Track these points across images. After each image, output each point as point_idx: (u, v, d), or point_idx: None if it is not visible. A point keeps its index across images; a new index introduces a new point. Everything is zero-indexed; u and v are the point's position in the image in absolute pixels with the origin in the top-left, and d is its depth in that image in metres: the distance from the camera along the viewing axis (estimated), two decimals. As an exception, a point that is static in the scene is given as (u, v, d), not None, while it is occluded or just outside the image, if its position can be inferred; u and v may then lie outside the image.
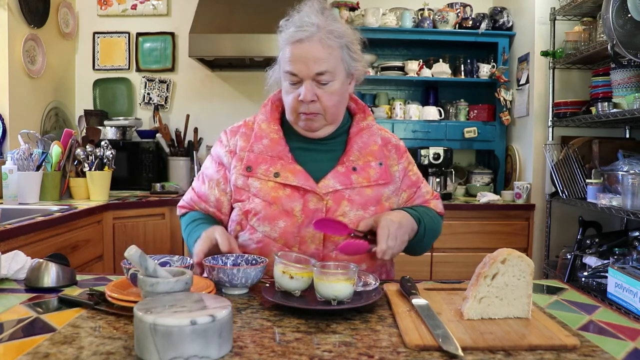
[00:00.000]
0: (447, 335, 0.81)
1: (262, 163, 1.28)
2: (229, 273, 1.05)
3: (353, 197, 1.27)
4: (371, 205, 1.28)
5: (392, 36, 3.34)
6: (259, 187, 1.26)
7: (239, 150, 1.32)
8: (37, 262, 1.15)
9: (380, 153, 1.34)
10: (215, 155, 1.38)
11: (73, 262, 2.10)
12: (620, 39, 2.13)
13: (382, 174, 1.32)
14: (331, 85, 1.25)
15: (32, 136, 2.66)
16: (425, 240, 1.33)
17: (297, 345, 0.80)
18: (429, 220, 1.34)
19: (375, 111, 3.40)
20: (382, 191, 1.31)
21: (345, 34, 1.27)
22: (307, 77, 1.23)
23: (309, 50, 1.22)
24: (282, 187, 1.25)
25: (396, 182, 1.36)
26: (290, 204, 1.24)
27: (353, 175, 1.28)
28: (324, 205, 1.24)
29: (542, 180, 3.06)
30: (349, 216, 1.25)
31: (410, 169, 1.42)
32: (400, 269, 3.09)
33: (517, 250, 0.94)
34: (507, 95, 3.26)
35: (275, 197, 1.25)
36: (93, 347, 0.79)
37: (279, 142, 1.30)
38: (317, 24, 1.23)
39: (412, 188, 1.40)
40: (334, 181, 1.26)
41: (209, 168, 1.38)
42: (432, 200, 1.44)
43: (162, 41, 3.61)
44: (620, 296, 1.94)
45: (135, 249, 0.86)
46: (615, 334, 0.88)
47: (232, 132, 1.37)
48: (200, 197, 1.37)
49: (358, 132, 1.35)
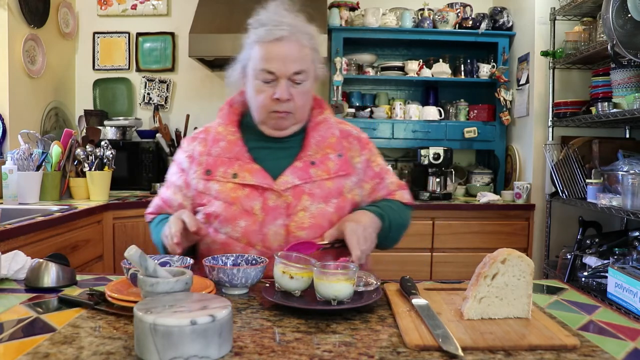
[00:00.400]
0: (447, 335, 0.81)
1: (221, 165, 1.29)
2: (228, 273, 1.05)
3: (313, 191, 1.27)
4: (333, 197, 1.29)
5: (392, 36, 3.34)
6: (219, 189, 1.27)
7: (198, 155, 1.32)
8: (37, 262, 1.15)
9: (339, 145, 1.34)
10: (176, 161, 1.39)
11: (73, 262, 2.10)
12: (620, 39, 2.13)
13: (341, 165, 1.32)
14: (304, 85, 1.27)
15: (32, 136, 2.66)
16: (392, 234, 1.33)
17: (297, 345, 0.80)
18: (393, 214, 1.33)
19: (375, 111, 3.40)
20: (344, 183, 1.32)
21: (315, 36, 1.31)
22: (284, 76, 1.24)
23: (287, 49, 1.24)
24: (240, 187, 1.26)
25: (358, 173, 1.36)
26: (250, 203, 1.25)
27: (312, 169, 1.29)
28: (284, 202, 1.25)
29: (542, 180, 3.06)
30: (310, 210, 1.26)
31: (374, 160, 1.42)
32: (400, 269, 3.12)
33: (517, 250, 0.94)
34: (507, 95, 3.27)
35: (235, 198, 1.25)
36: (93, 347, 0.79)
37: (236, 144, 1.31)
38: (293, 24, 1.25)
39: (375, 179, 1.39)
40: (292, 177, 1.27)
41: (173, 174, 1.38)
42: (397, 191, 1.43)
43: (162, 41, 3.62)
44: (620, 296, 1.94)
45: (135, 249, 0.86)
46: (615, 334, 0.88)
47: (192, 139, 1.38)
48: (165, 202, 1.37)
49: (315, 126, 1.36)
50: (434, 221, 3.00)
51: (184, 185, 1.34)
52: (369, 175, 1.39)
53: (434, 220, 3.00)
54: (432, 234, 2.99)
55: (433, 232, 2.99)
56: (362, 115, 3.38)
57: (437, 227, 3.00)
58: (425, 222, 2.99)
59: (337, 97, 3.26)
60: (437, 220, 3.00)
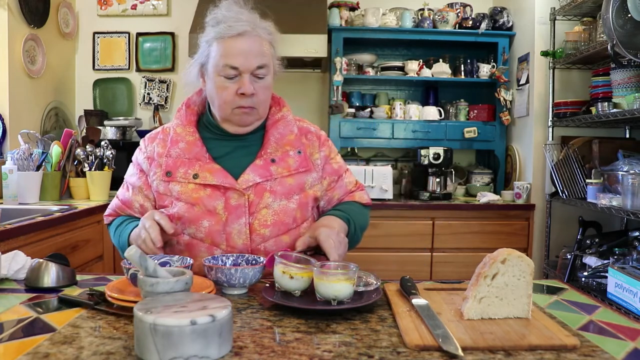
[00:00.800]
0: (447, 335, 0.81)
1: (181, 166, 1.28)
2: (226, 273, 1.05)
3: (275, 188, 1.28)
4: (294, 193, 1.30)
5: (392, 36, 3.34)
6: (180, 191, 1.27)
7: (157, 157, 1.32)
8: (37, 262, 1.15)
9: (298, 142, 1.35)
10: (135, 162, 1.38)
11: (73, 262, 2.10)
12: (620, 39, 2.13)
13: (301, 162, 1.33)
14: (266, 80, 1.28)
15: (32, 136, 2.66)
16: (356, 236, 1.37)
17: (297, 345, 0.80)
18: (356, 217, 1.36)
19: (375, 111, 3.40)
20: (305, 179, 1.33)
21: (273, 32, 1.31)
22: (247, 71, 1.24)
23: (250, 44, 1.24)
24: (202, 188, 1.26)
25: (318, 170, 1.37)
26: (212, 203, 1.25)
27: (272, 166, 1.29)
28: (246, 200, 1.25)
29: (542, 180, 3.06)
30: (272, 207, 1.26)
31: (333, 157, 1.42)
32: (400, 269, 3.12)
33: (517, 250, 0.94)
34: (507, 95, 3.27)
35: (197, 198, 1.25)
36: (93, 347, 0.79)
37: (195, 144, 1.31)
38: (252, 20, 1.26)
39: (332, 176, 1.40)
40: (253, 175, 1.27)
41: (132, 175, 1.37)
42: (356, 192, 1.45)
43: (162, 41, 3.61)
44: (620, 296, 1.94)
45: (135, 249, 0.86)
46: (615, 334, 0.88)
47: (150, 139, 1.37)
48: (125, 203, 1.36)
49: (274, 123, 1.36)
50: (434, 221, 3.00)
51: (144, 186, 1.33)
52: (327, 171, 1.39)
53: (434, 220, 3.00)
54: (432, 234, 2.99)
55: (433, 232, 2.99)
56: (362, 115, 3.38)
57: (437, 227, 3.00)
58: (425, 222, 2.99)
59: (337, 97, 3.26)
60: (437, 220, 3.00)
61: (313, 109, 3.67)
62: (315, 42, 3.04)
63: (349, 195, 1.43)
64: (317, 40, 3.04)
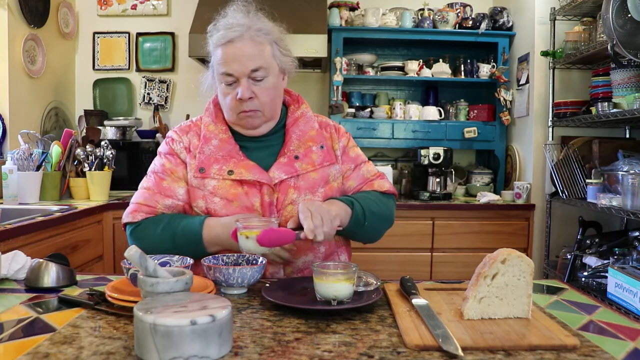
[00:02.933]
0: (447, 335, 0.81)
1: (215, 163, 1.29)
2: (224, 272, 1.05)
3: (298, 184, 1.29)
4: (319, 187, 1.31)
5: (392, 36, 3.34)
6: (216, 185, 1.27)
7: (193, 149, 1.32)
8: (37, 262, 1.15)
9: (320, 136, 1.36)
10: (169, 152, 1.33)
11: (73, 262, 2.10)
12: (620, 39, 2.13)
13: (325, 156, 1.34)
14: (266, 81, 1.28)
15: (32, 136, 2.66)
16: (370, 223, 1.29)
17: (297, 345, 0.80)
18: (366, 201, 1.31)
19: (375, 111, 3.40)
20: (329, 171, 1.34)
21: (273, 31, 1.31)
22: (243, 75, 1.25)
23: (241, 48, 1.24)
24: (239, 184, 1.27)
25: (339, 161, 1.38)
26: (251, 199, 1.26)
27: (296, 163, 1.31)
28: (275, 198, 1.27)
29: (542, 180, 3.06)
30: (297, 202, 1.27)
31: (351, 147, 1.42)
32: (400, 269, 3.12)
33: (517, 250, 0.94)
34: (507, 95, 3.27)
35: (235, 194, 1.26)
36: (93, 347, 0.79)
37: (228, 142, 1.32)
38: (245, 23, 1.26)
39: (349, 164, 1.39)
40: (279, 172, 1.28)
41: (166, 164, 1.32)
42: (375, 180, 1.41)
43: (162, 41, 3.61)
44: (620, 296, 1.94)
45: (135, 249, 0.86)
46: (615, 334, 0.88)
47: (183, 131, 1.36)
48: (164, 192, 1.28)
49: (294, 122, 1.37)
50: (434, 221, 3.00)
51: (185, 173, 1.30)
52: (344, 160, 1.40)
53: (434, 220, 3.00)
54: (432, 234, 2.99)
55: (433, 232, 2.99)
56: (362, 115, 3.38)
57: (437, 227, 3.00)
58: (425, 222, 2.99)
59: (337, 97, 3.26)
60: (437, 220, 3.00)
61: (313, 109, 3.58)
62: (315, 42, 3.04)
63: (367, 184, 1.40)
64: (317, 40, 3.04)
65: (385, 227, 1.39)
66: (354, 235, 1.35)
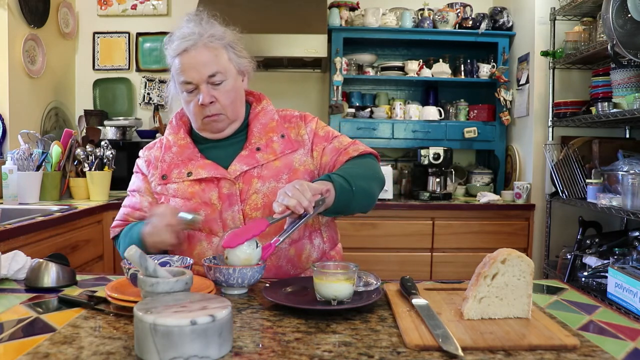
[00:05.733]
0: (447, 335, 0.82)
1: (175, 168, 1.35)
2: (224, 273, 1.06)
3: (262, 173, 1.32)
4: (283, 173, 1.33)
5: (392, 36, 3.34)
6: (176, 188, 1.33)
7: (154, 160, 1.40)
8: (37, 262, 1.15)
9: (281, 127, 1.39)
10: (136, 170, 1.45)
11: (73, 262, 2.10)
12: (620, 39, 2.13)
13: (286, 144, 1.36)
14: (225, 84, 1.32)
15: (32, 136, 2.66)
16: (358, 186, 1.24)
17: (297, 345, 0.80)
18: (346, 169, 1.28)
19: (375, 111, 3.40)
20: (292, 158, 1.35)
21: (225, 35, 1.35)
22: (201, 82, 1.30)
23: (196, 56, 1.29)
24: (197, 183, 1.31)
25: (306, 144, 1.39)
26: (207, 194, 1.30)
27: (258, 154, 1.34)
28: (237, 189, 1.30)
29: (542, 180, 3.06)
30: (262, 191, 1.30)
31: (319, 128, 1.42)
32: (400, 269, 3.12)
33: (517, 250, 0.94)
34: (507, 95, 3.27)
35: (192, 193, 1.31)
36: (93, 347, 0.79)
37: (187, 147, 1.38)
38: (198, 31, 1.31)
39: (322, 143, 1.39)
40: (240, 164, 1.32)
41: (135, 182, 1.43)
42: (349, 147, 1.38)
43: (162, 41, 3.60)
44: (620, 296, 1.94)
45: (135, 249, 0.86)
46: (615, 334, 0.88)
47: (148, 148, 1.46)
48: (134, 207, 1.39)
49: (255, 116, 1.41)
50: (434, 221, 3.00)
51: (148, 186, 1.38)
52: (316, 142, 1.40)
53: (434, 220, 3.00)
54: (432, 234, 2.99)
55: (433, 232, 2.99)
56: (362, 115, 3.38)
57: (437, 227, 3.00)
58: (425, 222, 2.99)
59: (337, 97, 3.26)
60: (437, 220, 3.00)
61: (313, 109, 3.66)
62: (315, 42, 3.04)
63: (343, 154, 1.37)
64: (317, 40, 3.04)
65: (376, 186, 1.35)
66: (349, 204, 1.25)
